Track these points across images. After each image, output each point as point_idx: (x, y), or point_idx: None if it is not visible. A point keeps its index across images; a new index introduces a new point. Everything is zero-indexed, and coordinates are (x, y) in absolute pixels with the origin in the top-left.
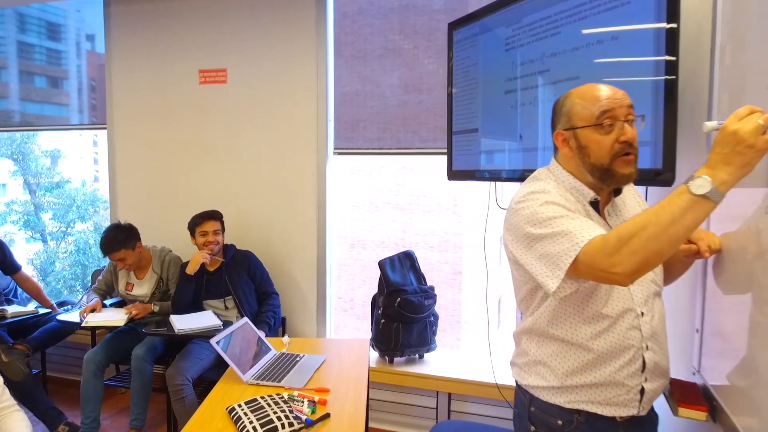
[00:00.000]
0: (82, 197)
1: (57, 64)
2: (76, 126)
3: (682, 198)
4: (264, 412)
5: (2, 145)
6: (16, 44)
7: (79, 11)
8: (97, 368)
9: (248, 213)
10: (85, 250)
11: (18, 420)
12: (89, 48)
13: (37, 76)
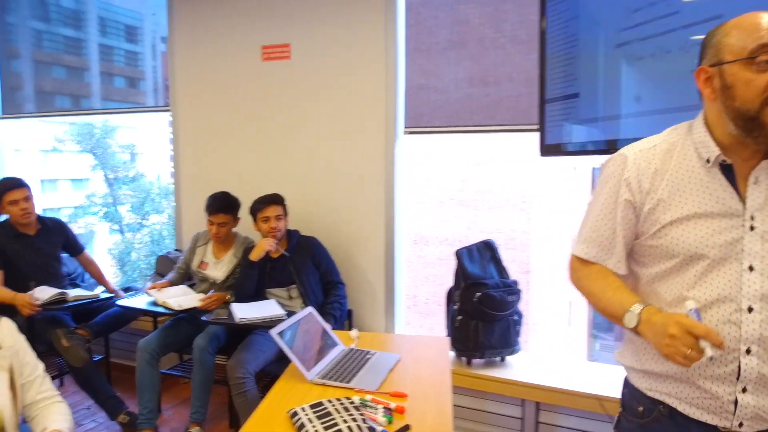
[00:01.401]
0: (156, 190)
1: (134, 65)
2: (143, 108)
3: (618, 310)
4: (331, 420)
5: (84, 141)
6: (98, 47)
7: (154, 14)
8: (151, 356)
9: (312, 197)
10: (159, 241)
11: (57, 412)
12: (164, 49)
13: (116, 77)
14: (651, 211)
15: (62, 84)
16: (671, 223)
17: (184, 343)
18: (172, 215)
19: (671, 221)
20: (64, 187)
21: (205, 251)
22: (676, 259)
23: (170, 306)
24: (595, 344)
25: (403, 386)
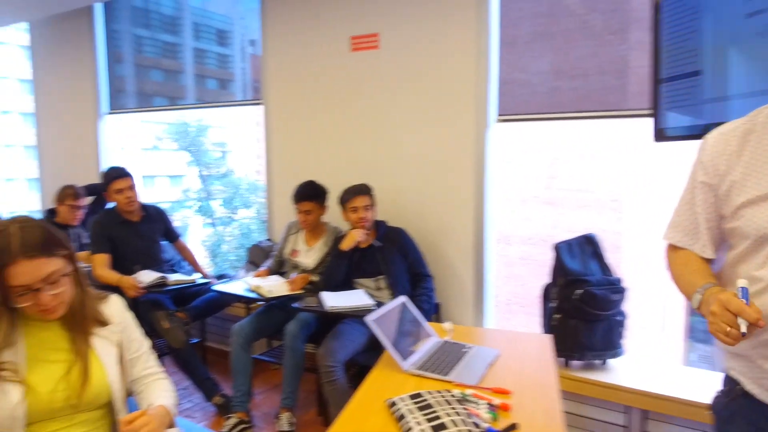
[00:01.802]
0: (246, 186)
1: (225, 67)
2: (237, 102)
3: (689, 292)
4: (433, 412)
5: (180, 139)
6: (192, 50)
7: (243, 18)
8: (245, 341)
9: (400, 187)
10: (247, 234)
11: (162, 388)
12: (252, 52)
13: (208, 78)
14: (727, 192)
15: (160, 86)
16: (744, 204)
17: (275, 330)
18: (259, 210)
19: (744, 202)
20: (162, 183)
21: (297, 239)
22: (749, 240)
23: (261, 292)
24: (692, 353)
25: (504, 383)
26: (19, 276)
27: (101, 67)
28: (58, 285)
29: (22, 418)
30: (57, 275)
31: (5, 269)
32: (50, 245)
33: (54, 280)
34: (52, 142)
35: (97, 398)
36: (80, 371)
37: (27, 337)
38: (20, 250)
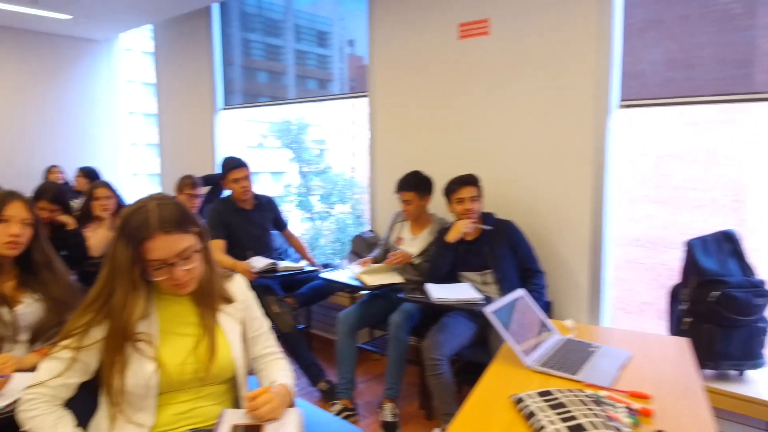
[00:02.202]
0: (343, 182)
1: (324, 68)
2: (343, 95)
3: None
4: (567, 412)
5: (283, 137)
6: (294, 52)
7: (342, 19)
8: (350, 329)
9: (508, 178)
10: (343, 229)
11: (281, 368)
12: (350, 52)
13: (309, 79)
14: None
15: (264, 87)
16: None
17: (379, 319)
18: (355, 205)
19: None
20: (265, 179)
21: (403, 228)
22: None
23: (365, 281)
24: None
25: (641, 386)
26: (156, 250)
27: (217, 63)
28: (190, 260)
29: (155, 388)
30: (190, 251)
31: (144, 243)
32: (184, 222)
33: (187, 256)
34: (172, 139)
35: (222, 373)
36: (207, 346)
37: (160, 311)
38: (158, 225)
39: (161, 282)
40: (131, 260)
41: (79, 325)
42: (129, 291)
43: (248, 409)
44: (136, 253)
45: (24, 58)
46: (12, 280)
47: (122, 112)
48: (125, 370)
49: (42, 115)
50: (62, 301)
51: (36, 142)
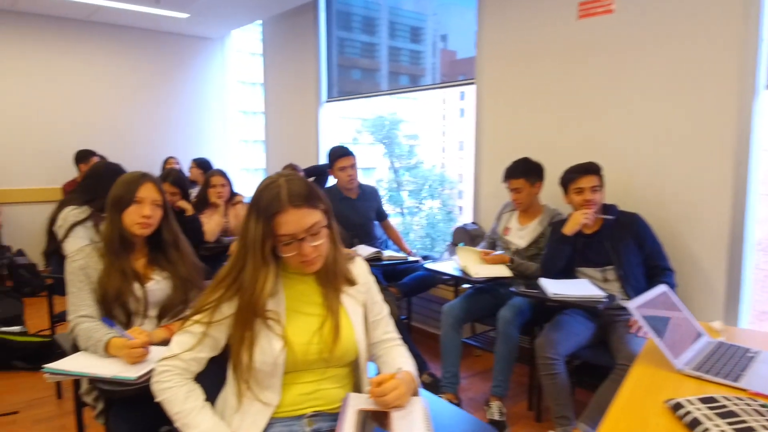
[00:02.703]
0: (434, 178)
1: (417, 64)
2: (449, 83)
3: None
4: (741, 422)
5: (376, 132)
6: (387, 49)
7: (435, 14)
8: (455, 321)
9: (632, 167)
10: (434, 224)
11: (402, 355)
12: (442, 47)
13: (401, 75)
14: None
15: (357, 84)
16: None
17: (484, 314)
18: (445, 201)
19: None
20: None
21: (511, 218)
22: None
23: (471, 273)
24: None
25: None
26: (286, 224)
27: (323, 55)
28: (318, 237)
29: (282, 366)
30: (318, 227)
31: (275, 217)
32: (312, 197)
33: (315, 231)
34: (278, 132)
35: (345, 355)
36: (332, 327)
37: (286, 289)
38: (288, 199)
39: (290, 259)
40: (263, 235)
41: (210, 300)
42: (259, 267)
43: (374, 394)
44: (267, 228)
45: (144, 56)
46: (142, 258)
47: (232, 108)
48: (254, 346)
49: (160, 109)
50: (188, 279)
51: (155, 134)
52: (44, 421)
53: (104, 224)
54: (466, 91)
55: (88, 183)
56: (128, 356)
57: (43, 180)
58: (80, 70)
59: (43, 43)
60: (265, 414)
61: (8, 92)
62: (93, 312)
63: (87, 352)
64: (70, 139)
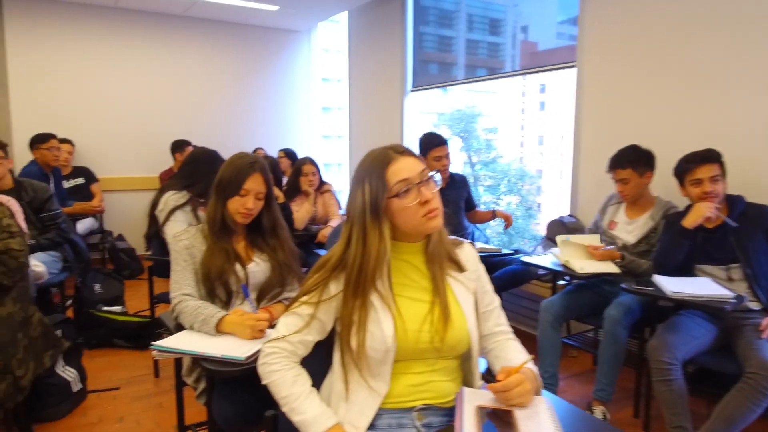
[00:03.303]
0: (513, 172)
1: (495, 57)
2: (547, 67)
3: None
4: None
5: (453, 126)
6: (465, 42)
7: (516, 5)
8: (554, 319)
9: (760, 155)
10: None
11: (516, 350)
12: (523, 38)
13: (478, 68)
14: None
15: (435, 78)
16: None
17: (586, 312)
18: (526, 197)
19: None
20: None
21: (617, 211)
22: None
23: (572, 267)
24: None
25: None
26: (401, 170)
27: (409, 41)
28: (432, 185)
29: (392, 353)
30: (427, 173)
31: (388, 167)
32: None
33: (428, 179)
34: (361, 121)
35: (457, 345)
36: (441, 313)
37: (394, 273)
38: (394, 151)
39: (409, 216)
40: (374, 194)
41: (318, 281)
42: (369, 231)
43: (495, 388)
44: (379, 182)
45: (235, 50)
46: (243, 241)
47: (316, 102)
48: (364, 331)
49: (248, 102)
50: (286, 264)
51: (244, 126)
52: (143, 399)
53: (209, 204)
54: (548, 82)
55: (187, 169)
56: (252, 329)
57: (142, 169)
58: (175, 64)
59: (142, 39)
60: (374, 403)
61: (110, 86)
62: (195, 292)
63: (192, 330)
64: (167, 130)
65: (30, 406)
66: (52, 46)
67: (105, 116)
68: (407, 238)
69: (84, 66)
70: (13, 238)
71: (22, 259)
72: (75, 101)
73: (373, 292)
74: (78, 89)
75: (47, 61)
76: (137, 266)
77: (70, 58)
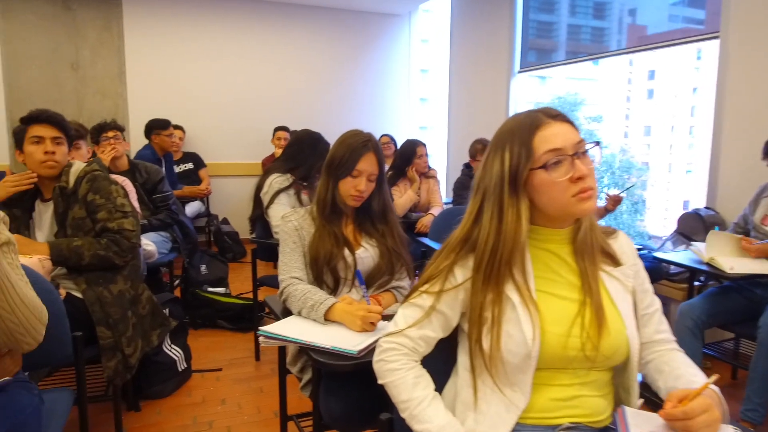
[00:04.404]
0: (618, 164)
1: (599, 42)
2: (681, 39)
3: None
4: None
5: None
6: (566, 27)
7: None
8: (695, 325)
9: None
10: (616, 215)
11: (687, 365)
12: (630, 22)
13: (581, 54)
14: None
15: (544, 56)
16: None
17: (732, 319)
18: (631, 191)
19: None
20: None
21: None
22: None
23: (719, 266)
24: None
25: None
26: (553, 137)
27: (518, 21)
28: (587, 159)
29: (535, 359)
30: (583, 145)
31: (537, 132)
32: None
33: (583, 150)
34: (461, 118)
35: (613, 355)
36: (594, 316)
37: (535, 264)
38: (549, 114)
39: (557, 195)
40: (515, 164)
41: (442, 267)
42: (506, 207)
43: (672, 416)
44: (524, 150)
45: (336, 35)
46: (351, 224)
47: (414, 91)
48: (499, 330)
49: (347, 88)
50: (395, 251)
51: (342, 112)
52: (243, 382)
53: (319, 184)
54: (657, 68)
55: (290, 151)
56: (363, 320)
57: (245, 155)
58: (277, 51)
59: (246, 27)
60: (510, 417)
61: (217, 75)
62: (303, 275)
63: (299, 316)
64: (269, 117)
65: (137, 383)
66: (164, 38)
67: (212, 103)
68: (550, 222)
69: (193, 55)
70: (126, 218)
71: (134, 240)
72: (185, 90)
73: (509, 283)
74: (188, 78)
75: (160, 52)
76: (240, 249)
77: (180, 49)
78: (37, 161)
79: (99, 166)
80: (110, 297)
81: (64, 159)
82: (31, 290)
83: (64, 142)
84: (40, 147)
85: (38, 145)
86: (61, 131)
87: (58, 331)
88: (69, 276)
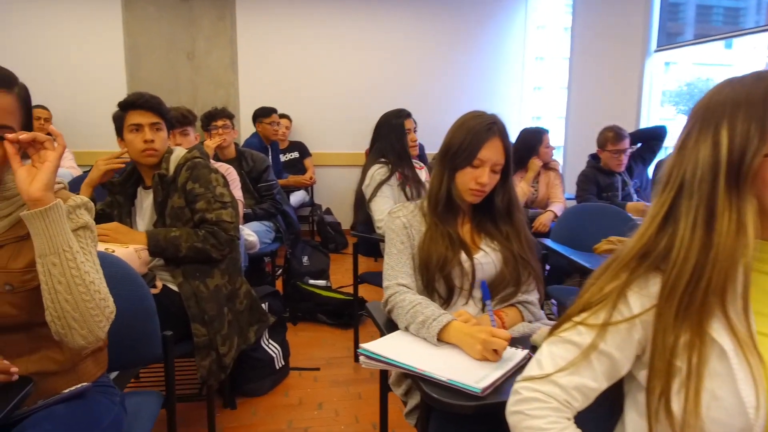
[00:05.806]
0: None
1: (734, 23)
2: None
3: None
4: None
5: (680, 103)
6: (695, 8)
7: None
8: None
9: None
10: None
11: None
12: None
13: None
14: None
15: (687, 29)
16: None
17: None
18: None
19: None
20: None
21: None
22: None
23: None
24: None
25: None
26: None
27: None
28: None
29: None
30: None
31: None
32: None
33: None
34: (583, 106)
35: None
36: None
37: (756, 293)
38: None
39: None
40: (740, 150)
41: (608, 290)
42: (722, 224)
43: None
44: (755, 129)
45: (445, 21)
46: (469, 223)
47: (529, 79)
48: (699, 388)
49: (458, 76)
50: (522, 257)
51: (453, 100)
52: (341, 385)
53: (432, 176)
54: None
55: (373, 138)
56: (485, 346)
57: (349, 145)
58: (385, 39)
59: (354, 14)
60: None
61: (324, 64)
62: (412, 283)
63: (407, 331)
64: (375, 106)
65: (233, 379)
66: (274, 28)
67: (319, 92)
68: None
69: (302, 45)
70: (225, 209)
71: (232, 232)
72: (294, 79)
73: (716, 321)
74: (297, 68)
75: (270, 42)
76: (342, 240)
77: (290, 39)
78: (137, 150)
79: (200, 152)
80: (206, 292)
81: (164, 146)
82: (100, 279)
83: (163, 127)
84: (139, 135)
85: (137, 134)
86: (159, 116)
87: (147, 329)
88: (166, 267)
